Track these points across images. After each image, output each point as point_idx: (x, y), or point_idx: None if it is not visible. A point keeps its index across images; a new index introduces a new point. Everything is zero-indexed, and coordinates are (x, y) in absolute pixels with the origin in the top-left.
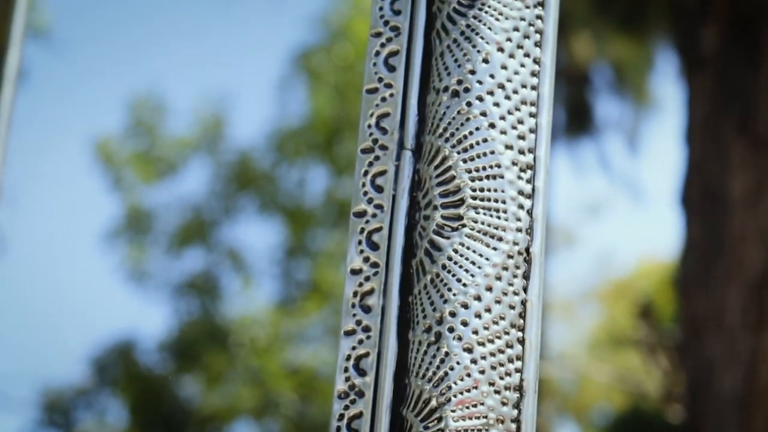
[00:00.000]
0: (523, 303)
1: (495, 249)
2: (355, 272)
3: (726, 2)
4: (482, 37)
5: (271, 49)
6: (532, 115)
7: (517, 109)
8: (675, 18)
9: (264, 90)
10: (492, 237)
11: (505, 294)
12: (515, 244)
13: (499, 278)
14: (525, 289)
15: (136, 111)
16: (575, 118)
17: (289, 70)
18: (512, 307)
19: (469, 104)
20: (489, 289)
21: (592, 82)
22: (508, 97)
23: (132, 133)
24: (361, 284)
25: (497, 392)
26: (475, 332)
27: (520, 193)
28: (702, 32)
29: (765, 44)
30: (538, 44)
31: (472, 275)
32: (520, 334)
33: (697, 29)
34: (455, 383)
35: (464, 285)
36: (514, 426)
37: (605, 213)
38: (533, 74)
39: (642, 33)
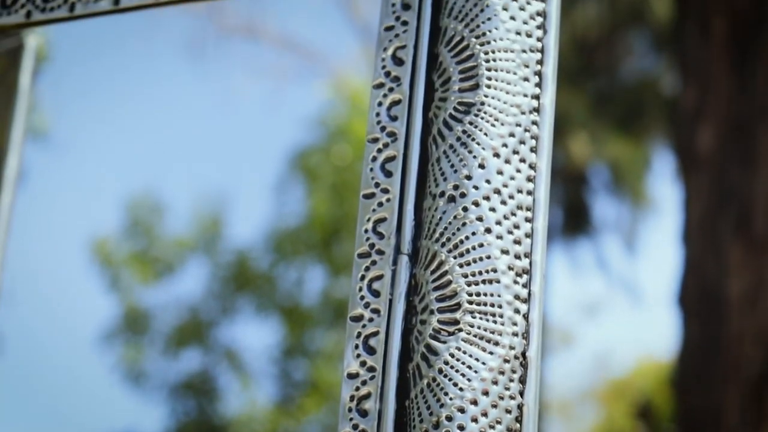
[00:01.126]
0: (520, 407)
1: (491, 353)
2: (352, 376)
3: (722, 103)
4: (478, 143)
5: (269, 149)
6: (528, 220)
7: (513, 214)
8: (671, 119)
9: (262, 190)
10: (488, 341)
11: (502, 398)
12: (511, 348)
13: (495, 382)
14: (521, 393)
15: (134, 211)
16: (573, 219)
17: (287, 170)
18: (509, 411)
19: (465, 209)
20: (485, 393)
21: (590, 183)
22: (504, 202)
23: (129, 233)
24: (357, 388)
25: None
26: None
27: (516, 297)
28: (698, 133)
29: (761, 145)
30: (533, 150)
31: (469, 379)
32: None
33: (693, 130)
34: None
35: (461, 389)
36: None
37: (603, 313)
38: (529, 179)
39: (639, 134)
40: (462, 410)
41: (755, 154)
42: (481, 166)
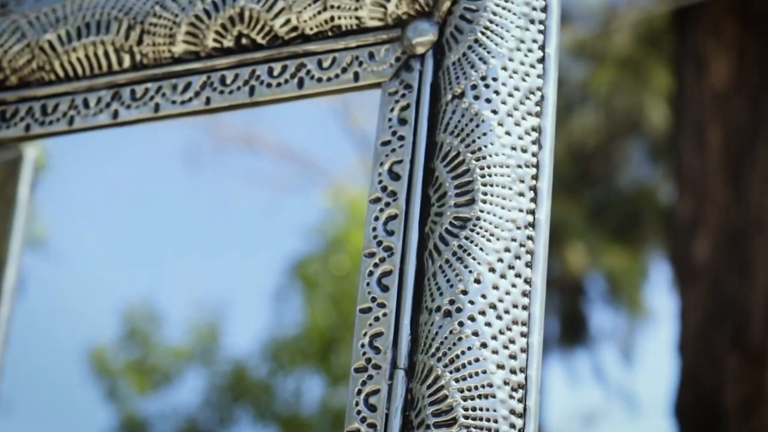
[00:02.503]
0: None
1: None
2: None
3: (717, 213)
4: (474, 258)
5: (267, 258)
6: (523, 335)
7: (509, 329)
8: (667, 229)
9: (260, 299)
10: None
11: None
12: None
13: None
14: None
15: (131, 320)
16: (569, 329)
17: (285, 279)
18: None
19: (461, 324)
20: None
21: (587, 293)
22: (499, 317)
23: (126, 342)
24: None
25: None
26: None
27: (512, 412)
28: (694, 243)
29: (757, 255)
30: (529, 264)
31: None
32: None
33: (689, 240)
34: None
35: None
36: None
37: (600, 423)
38: (524, 294)
39: (635, 244)
40: None
41: (751, 264)
42: (477, 281)
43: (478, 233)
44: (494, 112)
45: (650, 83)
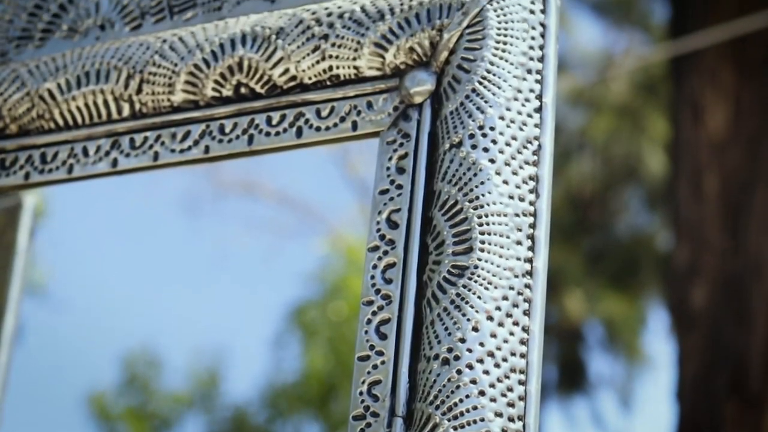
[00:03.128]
0: None
1: None
2: None
3: (715, 260)
4: (472, 306)
5: (266, 305)
6: (521, 382)
7: (507, 377)
8: (665, 276)
9: (258, 345)
10: None
11: None
12: None
13: None
14: None
15: (131, 366)
16: (568, 375)
17: (284, 325)
18: None
19: (459, 372)
20: None
21: (585, 339)
22: (497, 365)
23: (126, 388)
24: None
25: None
26: None
27: None
28: (691, 290)
29: (755, 302)
30: (526, 313)
31: None
32: None
33: (686, 287)
34: None
35: None
36: None
37: None
38: (522, 342)
39: (633, 291)
40: None
41: (749, 311)
42: (475, 329)
43: (476, 281)
44: (492, 161)
45: (647, 131)
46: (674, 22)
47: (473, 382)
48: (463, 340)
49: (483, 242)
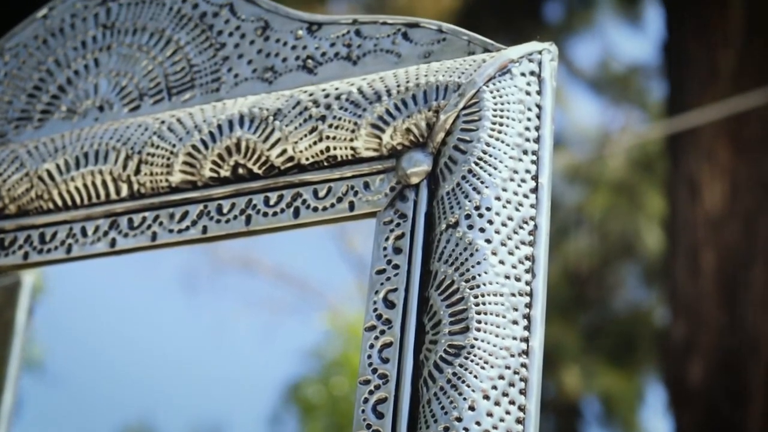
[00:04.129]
0: None
1: None
2: None
3: (712, 336)
4: (468, 385)
5: (264, 381)
6: None
7: None
8: (662, 352)
9: (256, 422)
10: None
11: None
12: None
13: None
14: None
15: None
16: None
17: (282, 402)
18: None
19: None
20: None
21: (582, 415)
22: None
23: None
24: None
25: None
26: None
27: None
28: (688, 366)
29: (752, 379)
30: (523, 392)
31: None
32: None
33: (683, 363)
34: None
35: None
36: None
37: None
38: (518, 421)
39: (630, 367)
40: None
41: (746, 387)
42: (471, 408)
43: (472, 361)
44: (488, 241)
45: (644, 207)
46: (671, 99)
47: None
48: (459, 419)
49: (479, 322)
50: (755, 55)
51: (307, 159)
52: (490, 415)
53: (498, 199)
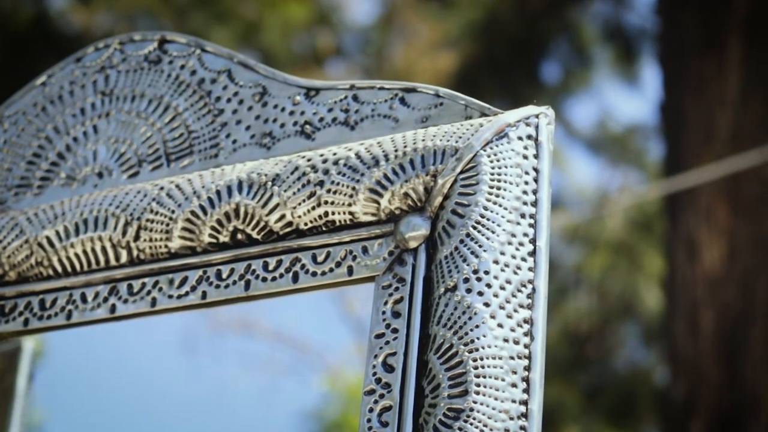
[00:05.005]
0: None
1: None
2: None
3: (711, 396)
4: None
5: None
6: None
7: None
8: (662, 411)
9: None
10: None
11: None
12: None
13: None
14: None
15: None
16: None
17: None
18: None
19: None
20: None
21: None
22: None
23: None
24: None
25: None
26: None
27: None
28: (688, 426)
29: None
30: None
31: None
32: None
33: (683, 423)
34: None
35: None
36: None
37: None
38: None
39: (631, 427)
40: None
41: None
42: None
43: (471, 424)
44: (486, 304)
45: (643, 267)
46: (668, 159)
47: None
48: None
49: (478, 385)
50: (752, 114)
51: (306, 224)
52: None
53: (496, 262)
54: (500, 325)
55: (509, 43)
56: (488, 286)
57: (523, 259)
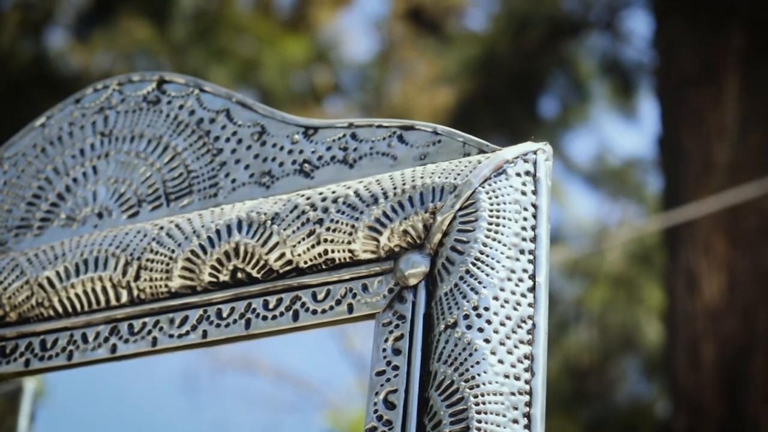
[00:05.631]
0: None
1: None
2: None
3: (712, 428)
4: None
5: None
6: None
7: None
8: None
9: None
10: None
11: None
12: None
13: None
14: None
15: None
16: None
17: None
18: None
19: None
20: None
21: None
22: None
23: None
24: None
25: None
26: None
27: None
28: None
29: None
30: None
31: None
32: None
33: None
34: None
35: None
36: None
37: None
38: None
39: None
40: None
41: None
42: None
43: None
44: (487, 341)
45: (643, 300)
46: (667, 193)
47: None
48: None
49: (479, 421)
50: (750, 147)
51: (306, 262)
52: None
53: (496, 298)
54: (501, 361)
55: (507, 79)
56: (488, 322)
57: (523, 295)
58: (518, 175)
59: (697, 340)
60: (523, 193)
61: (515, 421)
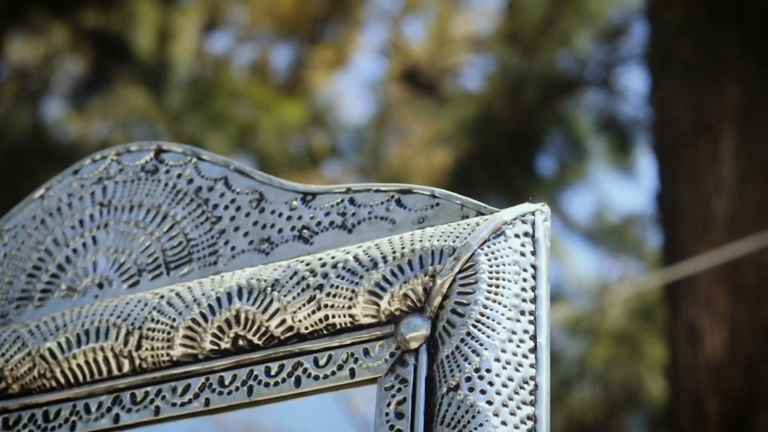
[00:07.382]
0: None
1: None
2: None
3: None
4: None
5: None
6: None
7: None
8: None
9: None
10: None
11: None
12: None
13: None
14: None
15: None
16: None
17: None
18: None
19: None
20: None
21: None
22: None
23: None
24: None
25: None
26: None
27: None
28: None
29: None
30: None
31: None
32: None
33: None
34: None
35: None
36: None
37: None
38: None
39: None
40: None
41: None
42: None
43: None
44: (489, 402)
45: (646, 356)
46: (667, 248)
47: None
48: None
49: None
50: (749, 201)
51: (307, 328)
52: None
53: (497, 360)
54: (504, 423)
55: (503, 138)
56: (490, 384)
57: (525, 356)
58: (517, 236)
59: (700, 394)
60: (522, 254)
61: None
